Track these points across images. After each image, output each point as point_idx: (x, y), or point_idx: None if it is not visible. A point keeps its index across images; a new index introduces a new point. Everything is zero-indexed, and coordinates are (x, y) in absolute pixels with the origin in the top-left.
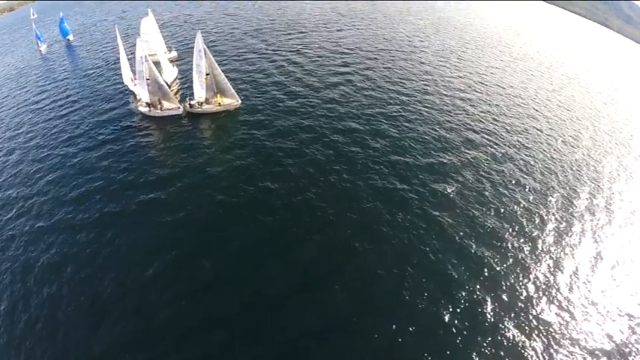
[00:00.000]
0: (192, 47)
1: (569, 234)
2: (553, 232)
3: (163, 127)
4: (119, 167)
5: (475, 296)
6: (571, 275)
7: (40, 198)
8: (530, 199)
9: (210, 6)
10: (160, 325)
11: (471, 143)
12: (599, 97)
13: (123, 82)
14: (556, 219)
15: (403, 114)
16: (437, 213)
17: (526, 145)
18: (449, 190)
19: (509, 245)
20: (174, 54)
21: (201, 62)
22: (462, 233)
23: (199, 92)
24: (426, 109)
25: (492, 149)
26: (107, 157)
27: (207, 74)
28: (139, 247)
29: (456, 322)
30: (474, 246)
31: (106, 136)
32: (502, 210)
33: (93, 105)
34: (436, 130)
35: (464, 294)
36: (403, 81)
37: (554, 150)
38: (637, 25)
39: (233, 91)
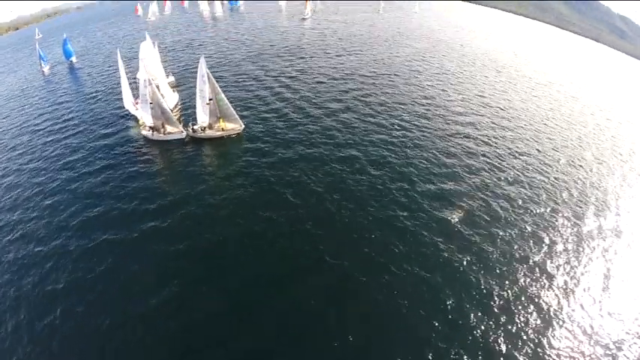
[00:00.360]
0: (191, 72)
1: (578, 257)
2: (561, 256)
3: (165, 152)
4: (120, 193)
5: (485, 329)
6: (581, 299)
7: (37, 222)
8: (537, 223)
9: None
10: (163, 355)
11: (473, 168)
12: (600, 113)
13: (124, 107)
14: (563, 241)
15: (404, 140)
16: (440, 239)
17: (530, 167)
18: (452, 217)
19: (517, 273)
20: (171, 79)
21: (205, 87)
22: (467, 262)
23: (202, 117)
24: (427, 135)
25: (496, 173)
26: (108, 182)
27: (210, 99)
28: (140, 275)
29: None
30: (480, 275)
31: (107, 161)
32: (508, 237)
33: (94, 129)
34: (437, 156)
35: (474, 328)
36: (403, 106)
37: (559, 171)
38: (631, 39)
39: (236, 116)
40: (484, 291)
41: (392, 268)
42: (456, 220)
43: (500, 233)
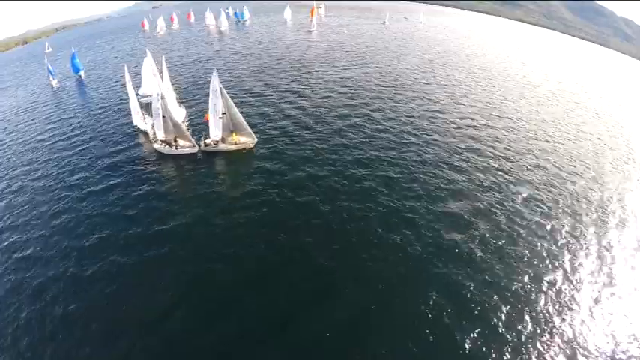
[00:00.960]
0: (198, 86)
1: (600, 275)
2: (583, 276)
3: (176, 169)
4: (129, 213)
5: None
6: (606, 321)
7: (44, 242)
8: (555, 240)
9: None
10: None
11: (486, 184)
12: (613, 120)
13: (132, 122)
14: (585, 259)
15: (413, 155)
16: (451, 261)
17: (545, 179)
18: (464, 237)
19: (534, 295)
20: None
21: (217, 102)
22: (480, 284)
23: (215, 131)
24: (437, 149)
25: (510, 188)
26: (117, 201)
27: (223, 113)
28: (147, 302)
29: None
30: (494, 299)
31: (117, 179)
32: (525, 257)
33: (103, 145)
34: (448, 172)
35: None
36: (411, 119)
37: (575, 182)
38: (636, 42)
39: (249, 129)
40: (499, 317)
41: (401, 291)
42: (468, 239)
43: (517, 253)
